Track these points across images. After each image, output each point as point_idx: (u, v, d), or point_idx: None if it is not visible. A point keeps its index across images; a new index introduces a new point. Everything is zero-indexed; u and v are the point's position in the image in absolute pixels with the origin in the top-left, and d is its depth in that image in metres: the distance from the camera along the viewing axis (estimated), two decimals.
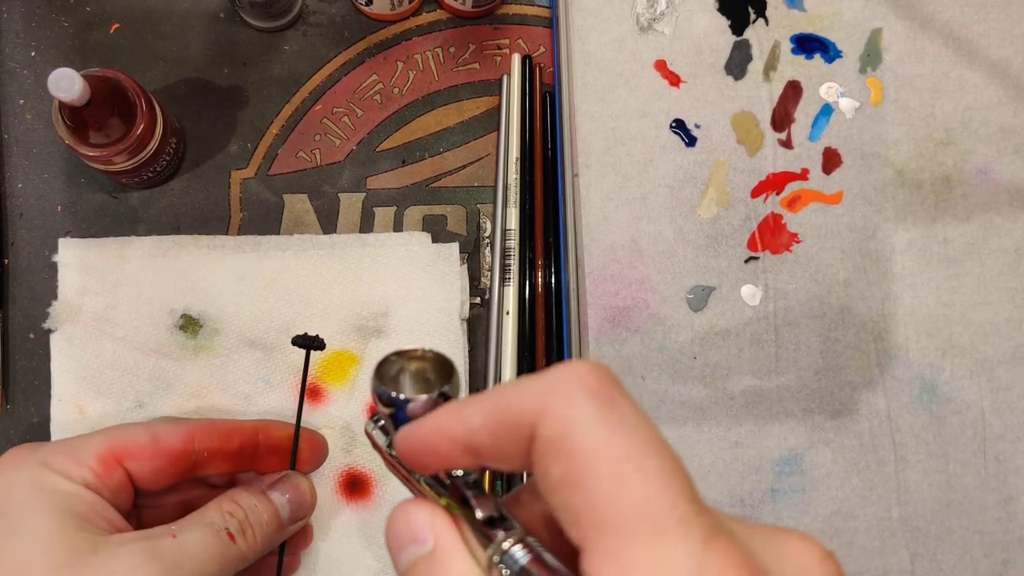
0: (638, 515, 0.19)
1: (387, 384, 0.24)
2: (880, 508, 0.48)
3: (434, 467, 0.24)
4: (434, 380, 0.25)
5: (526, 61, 0.52)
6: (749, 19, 0.52)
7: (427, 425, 0.23)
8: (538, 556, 0.22)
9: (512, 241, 0.50)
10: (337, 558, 0.47)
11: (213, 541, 0.36)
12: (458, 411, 0.23)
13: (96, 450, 0.37)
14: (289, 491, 0.41)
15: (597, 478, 0.20)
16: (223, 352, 0.48)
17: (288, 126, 0.52)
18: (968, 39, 0.51)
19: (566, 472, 0.20)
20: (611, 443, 0.20)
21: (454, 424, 0.23)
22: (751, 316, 0.49)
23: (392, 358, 0.25)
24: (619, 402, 0.21)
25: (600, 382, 0.21)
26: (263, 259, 0.49)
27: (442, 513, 0.24)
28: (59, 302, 0.47)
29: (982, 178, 0.51)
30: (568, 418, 0.21)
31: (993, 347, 0.49)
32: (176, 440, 0.38)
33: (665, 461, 0.20)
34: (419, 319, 0.49)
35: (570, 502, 0.20)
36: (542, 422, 0.21)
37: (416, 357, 0.25)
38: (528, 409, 0.21)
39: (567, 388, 0.21)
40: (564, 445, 0.20)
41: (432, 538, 0.23)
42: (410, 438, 0.24)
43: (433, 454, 0.23)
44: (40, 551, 0.33)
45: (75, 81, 0.40)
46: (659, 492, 0.20)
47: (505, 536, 0.22)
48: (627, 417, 0.21)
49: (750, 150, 0.50)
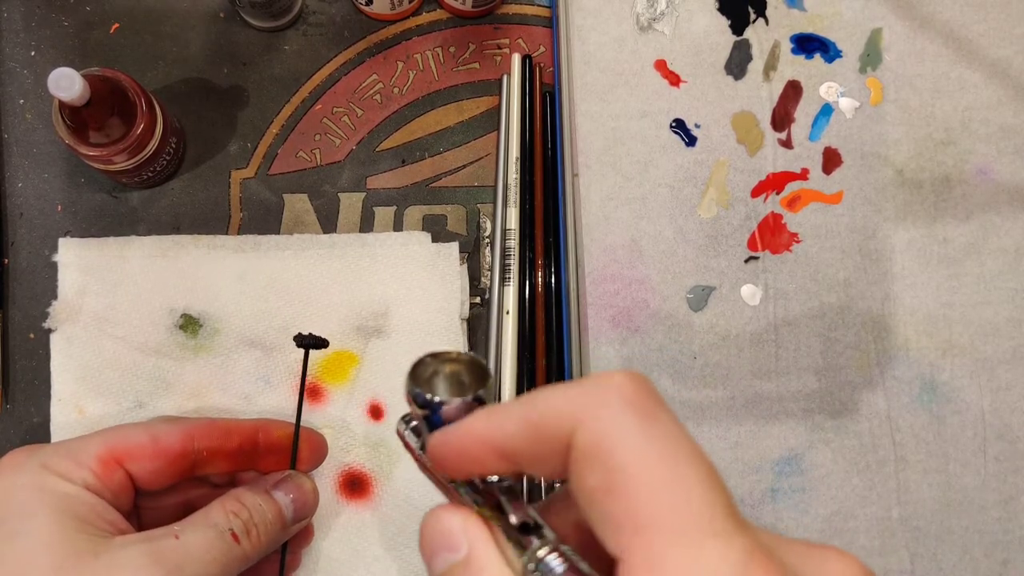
0: (677, 525, 0.19)
1: (421, 386, 0.24)
2: (880, 508, 0.48)
3: (468, 472, 0.24)
4: (468, 383, 0.25)
5: (526, 61, 0.52)
6: (749, 19, 0.52)
7: (462, 430, 0.23)
8: (574, 565, 0.21)
9: (512, 241, 0.50)
10: (337, 558, 0.47)
11: (216, 542, 0.36)
12: (494, 416, 0.23)
13: (96, 451, 0.37)
14: (293, 491, 0.41)
15: (636, 487, 0.20)
16: (223, 352, 0.48)
17: (288, 126, 0.52)
18: (968, 39, 0.51)
19: (603, 481, 0.20)
20: (649, 453, 0.20)
21: (490, 430, 0.23)
22: (751, 316, 0.49)
23: (427, 360, 0.25)
24: (657, 412, 0.21)
25: (638, 393, 0.21)
26: (263, 259, 0.49)
27: (475, 519, 0.24)
28: (59, 302, 0.47)
29: (982, 178, 0.51)
30: (606, 428, 0.21)
31: (993, 347, 0.49)
32: (175, 440, 0.38)
33: (704, 472, 0.20)
34: (419, 319, 0.49)
35: (607, 511, 0.20)
36: (579, 431, 0.21)
37: (451, 360, 0.25)
38: (565, 417, 0.21)
39: (605, 397, 0.21)
40: (602, 454, 0.20)
41: (466, 545, 0.23)
42: (445, 443, 0.24)
43: (468, 459, 0.23)
44: (41, 553, 0.33)
45: (75, 81, 0.40)
46: (698, 502, 0.20)
47: (540, 544, 0.22)
48: (665, 427, 0.21)
49: (750, 150, 0.50)
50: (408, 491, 0.47)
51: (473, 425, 0.23)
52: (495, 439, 0.22)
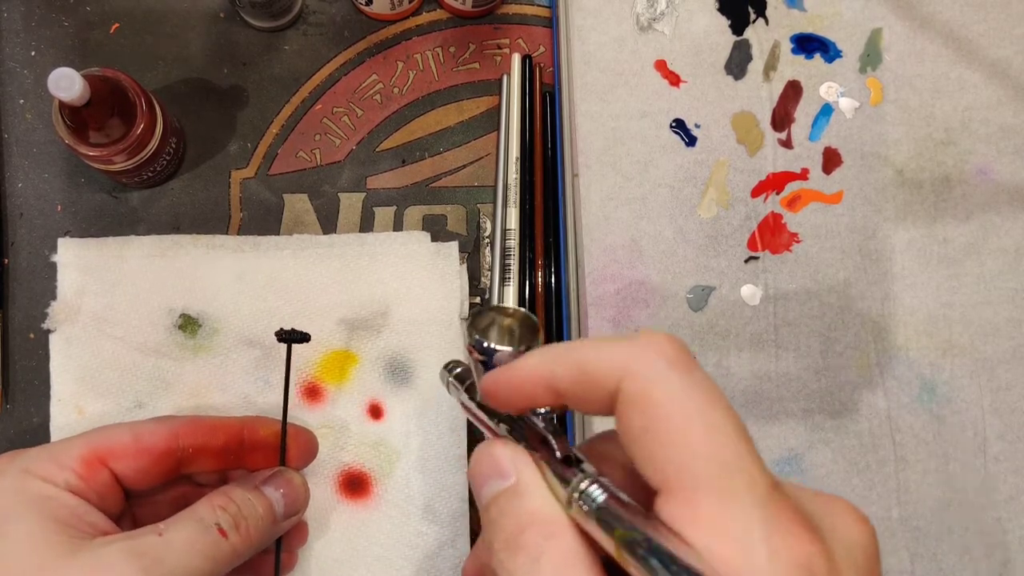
0: (710, 465, 0.22)
1: (480, 334, 0.27)
2: (880, 508, 0.48)
3: (518, 404, 0.26)
4: (520, 335, 0.28)
5: (526, 61, 0.52)
6: (749, 19, 0.52)
7: (519, 364, 0.26)
8: (614, 494, 0.23)
9: (512, 241, 0.50)
10: (337, 557, 0.47)
11: (201, 536, 0.36)
12: (547, 357, 0.25)
13: (78, 453, 0.37)
14: (282, 486, 0.40)
15: (675, 429, 0.23)
16: (222, 352, 0.48)
17: (288, 126, 0.52)
18: (968, 39, 0.51)
19: (648, 423, 0.23)
20: (688, 401, 0.23)
21: (542, 368, 0.25)
22: (751, 316, 0.49)
23: (485, 311, 0.28)
24: (693, 368, 0.24)
25: (677, 351, 0.24)
26: (262, 259, 0.49)
27: (523, 451, 0.26)
28: (58, 302, 0.47)
29: (982, 178, 0.51)
30: (651, 379, 0.23)
31: (993, 347, 0.49)
32: (159, 438, 0.38)
33: (733, 421, 0.23)
34: (419, 318, 0.49)
35: (650, 449, 0.23)
36: (627, 380, 0.23)
37: (508, 314, 0.28)
38: (612, 368, 0.24)
39: (648, 354, 0.24)
40: (647, 401, 0.23)
41: (514, 473, 0.25)
42: (500, 378, 0.26)
43: (521, 392, 0.26)
44: (21, 556, 0.33)
45: (75, 81, 0.40)
46: (728, 446, 0.22)
47: (583, 476, 0.24)
48: (700, 381, 0.23)
49: (750, 150, 0.50)
50: (408, 491, 0.47)
51: (528, 361, 0.26)
52: (548, 375, 0.25)
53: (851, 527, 0.23)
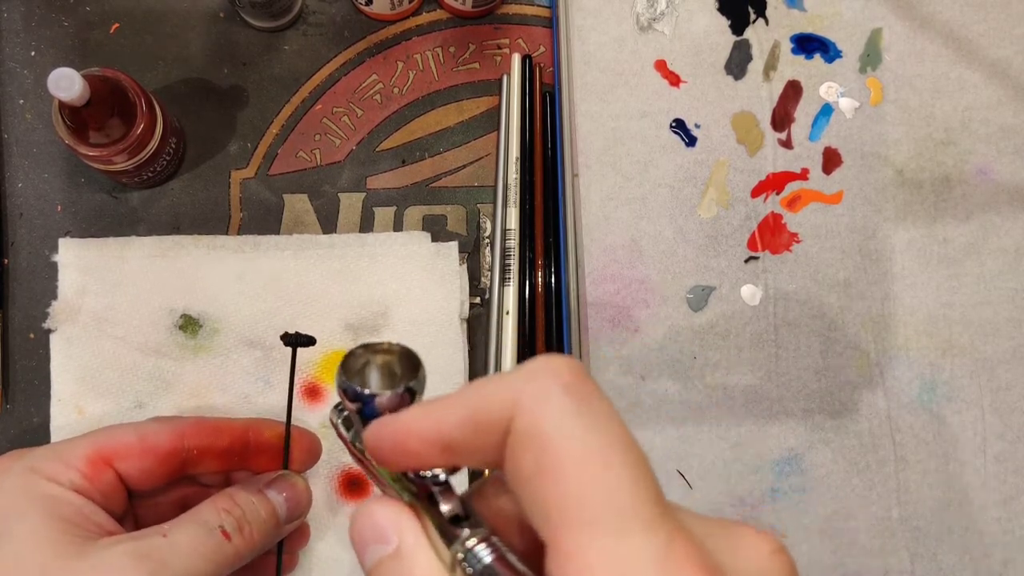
0: (603, 511, 0.20)
1: (352, 378, 0.24)
2: (880, 508, 0.48)
3: (405, 465, 0.24)
4: (400, 374, 0.25)
5: (526, 61, 0.52)
6: (749, 19, 0.52)
7: (399, 423, 0.23)
8: (501, 555, 0.21)
9: (512, 241, 0.50)
10: (336, 557, 0.47)
11: (205, 539, 0.36)
12: (432, 408, 0.23)
13: (83, 452, 0.36)
14: (286, 489, 0.40)
15: (566, 471, 0.20)
16: (222, 352, 0.48)
17: (288, 126, 0.52)
18: (968, 39, 0.51)
19: (536, 464, 0.20)
20: (583, 439, 0.20)
21: (427, 422, 0.22)
22: (751, 316, 0.49)
23: (358, 351, 0.25)
24: (592, 399, 0.21)
25: (575, 377, 0.21)
26: (262, 259, 0.49)
27: (406, 511, 0.24)
28: (59, 302, 0.47)
29: (982, 178, 0.51)
30: (542, 412, 0.21)
31: (993, 347, 0.49)
32: (164, 439, 0.38)
33: (631, 457, 0.20)
34: (418, 318, 0.49)
35: (538, 495, 0.20)
36: (517, 416, 0.21)
37: (383, 351, 0.25)
38: (502, 403, 0.21)
39: (540, 382, 0.21)
40: (537, 438, 0.21)
41: (396, 538, 0.23)
42: (381, 435, 0.23)
43: (405, 452, 0.23)
44: (27, 556, 0.33)
45: (75, 81, 0.40)
46: (624, 489, 0.20)
47: (470, 534, 0.22)
48: (599, 414, 0.21)
49: (750, 150, 0.50)
50: None
51: (410, 417, 0.23)
52: (433, 431, 0.22)
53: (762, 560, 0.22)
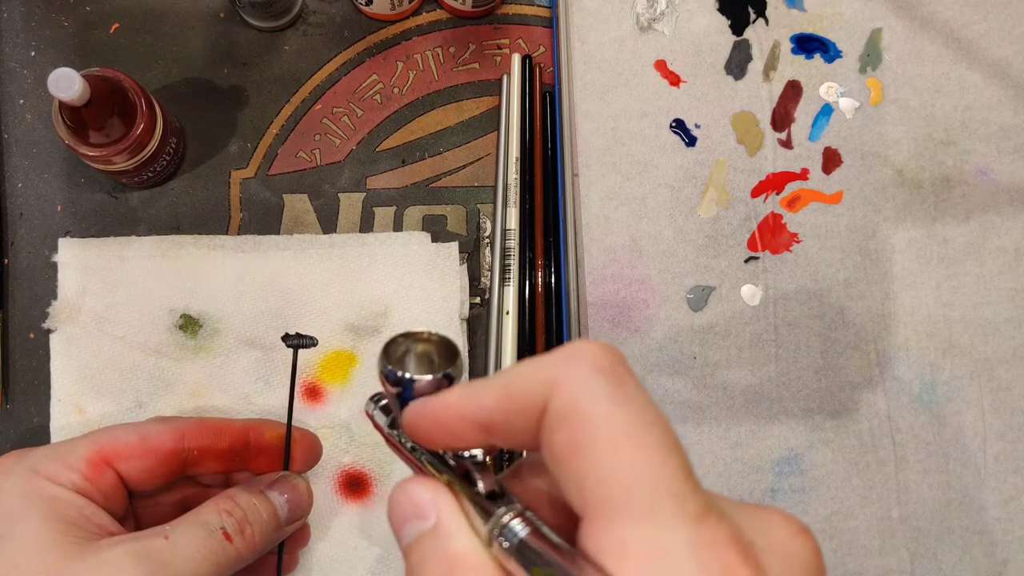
0: (637, 486, 0.20)
1: (394, 364, 0.25)
2: (880, 508, 0.48)
3: (443, 443, 0.24)
4: (439, 362, 0.26)
5: (526, 61, 0.52)
6: (749, 19, 0.52)
7: (440, 401, 0.24)
8: (536, 529, 0.22)
9: (512, 241, 0.50)
10: (336, 557, 0.47)
11: (207, 541, 0.36)
12: (470, 389, 0.23)
13: (85, 453, 0.36)
14: (287, 491, 0.41)
15: (601, 448, 0.21)
16: (223, 352, 0.48)
17: (288, 126, 0.52)
18: (968, 39, 0.51)
19: (572, 441, 0.21)
20: (617, 416, 0.21)
21: (467, 401, 0.23)
22: (751, 316, 0.49)
23: (399, 339, 0.26)
24: (626, 380, 0.22)
25: (609, 361, 0.22)
26: (262, 259, 0.49)
27: (443, 489, 0.24)
28: (59, 302, 0.47)
29: (982, 178, 0.51)
30: (577, 391, 0.21)
31: (993, 347, 0.49)
32: (166, 439, 0.38)
33: (665, 438, 0.21)
34: (419, 318, 0.49)
35: (574, 470, 0.21)
36: (553, 395, 0.22)
37: (422, 339, 0.26)
38: (540, 384, 0.22)
39: (577, 364, 0.22)
40: (572, 416, 0.21)
41: (434, 514, 0.24)
42: (421, 414, 0.24)
43: (444, 430, 0.24)
44: (29, 557, 0.33)
45: (75, 81, 0.40)
46: (658, 466, 0.20)
47: (505, 510, 0.23)
48: (632, 394, 0.22)
49: (750, 150, 0.50)
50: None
51: (450, 397, 0.24)
52: (472, 410, 0.23)
53: (790, 542, 0.22)
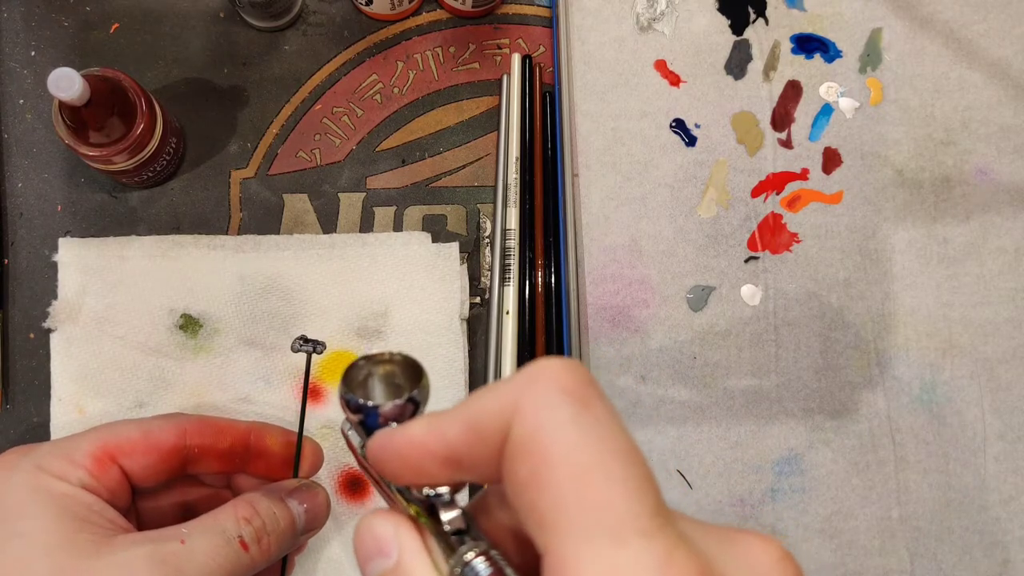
0: (600, 521, 0.19)
1: (355, 390, 0.24)
2: (880, 508, 0.48)
3: (408, 479, 0.23)
4: (403, 384, 0.24)
5: (526, 61, 0.52)
6: (749, 19, 0.52)
7: (403, 437, 0.23)
8: (499, 569, 0.21)
9: (512, 241, 0.50)
10: (336, 558, 0.47)
11: (223, 548, 0.35)
12: (434, 422, 0.22)
13: (89, 449, 0.36)
14: (307, 501, 0.40)
15: (563, 480, 0.19)
16: (223, 352, 0.48)
17: (288, 126, 0.52)
18: (968, 39, 0.51)
19: (533, 473, 0.20)
20: (581, 446, 0.20)
21: (430, 437, 0.22)
22: (751, 316, 0.49)
23: (360, 363, 0.24)
24: (593, 403, 0.20)
25: (575, 381, 0.21)
26: (263, 259, 0.49)
27: (407, 525, 0.23)
28: (59, 302, 0.47)
29: (982, 178, 0.51)
30: (540, 418, 0.20)
31: (993, 347, 0.49)
32: (168, 435, 0.38)
33: (633, 468, 0.20)
34: (419, 319, 0.49)
35: (535, 503, 0.20)
36: (515, 423, 0.20)
37: (384, 361, 0.25)
38: (502, 411, 0.21)
39: (538, 387, 0.20)
40: (534, 445, 0.20)
41: (396, 551, 0.23)
42: (385, 448, 0.23)
43: (408, 466, 0.23)
44: (41, 555, 0.32)
45: (75, 81, 0.40)
46: (624, 499, 0.19)
47: (468, 547, 0.22)
48: (600, 419, 0.20)
49: (750, 150, 0.50)
50: None
51: (413, 431, 0.23)
52: (437, 444, 0.22)
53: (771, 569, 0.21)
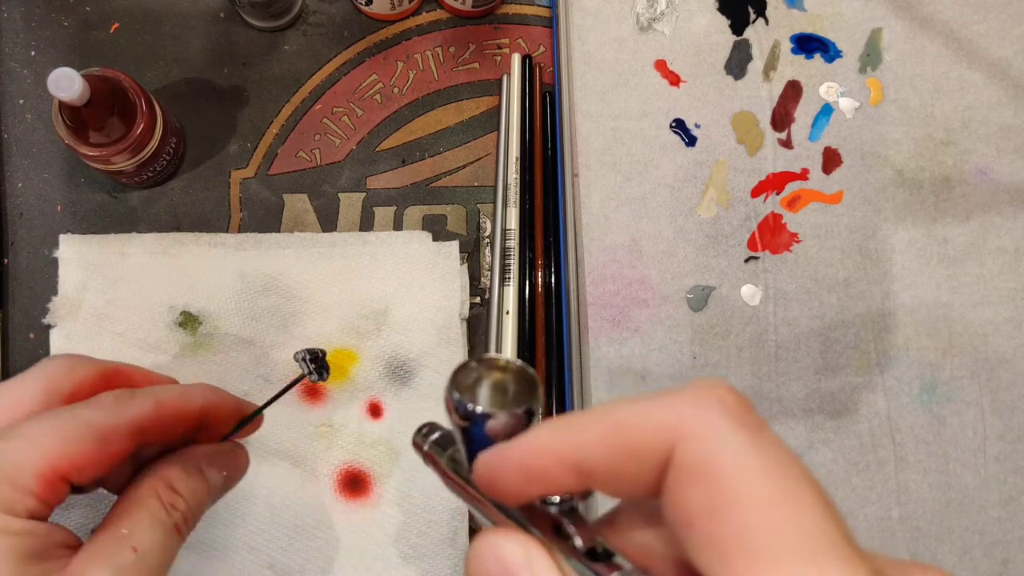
0: (798, 550, 0.18)
1: (463, 393, 0.22)
2: (880, 508, 0.48)
3: (529, 493, 0.21)
4: (514, 394, 0.23)
5: (526, 61, 0.52)
6: (749, 19, 0.52)
7: (529, 444, 0.21)
8: None
9: (512, 241, 0.50)
10: (334, 557, 0.47)
11: (167, 540, 0.33)
12: (567, 427, 0.21)
13: (36, 471, 0.31)
14: (228, 467, 0.37)
15: (748, 509, 0.18)
16: (222, 349, 0.48)
17: (288, 126, 0.52)
18: (968, 39, 0.51)
19: (710, 501, 0.19)
20: (764, 474, 0.19)
21: (564, 442, 0.20)
22: (751, 316, 0.49)
23: (471, 365, 0.23)
24: (762, 428, 0.20)
25: (743, 407, 0.20)
26: (263, 257, 0.49)
27: (538, 547, 0.21)
28: (59, 297, 0.47)
29: (982, 178, 0.51)
30: (714, 443, 0.19)
31: (993, 347, 0.49)
32: (124, 441, 0.34)
33: (818, 495, 0.19)
34: (419, 317, 0.49)
35: (713, 534, 0.18)
36: (682, 445, 0.19)
37: (499, 367, 0.23)
38: (662, 430, 0.19)
39: (709, 410, 0.19)
40: (711, 473, 0.19)
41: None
42: (508, 460, 0.21)
43: (533, 477, 0.21)
44: None
45: (75, 81, 0.40)
46: (818, 528, 0.18)
47: (620, 574, 0.20)
48: (775, 446, 0.19)
49: (750, 150, 0.50)
50: (407, 490, 0.47)
51: (542, 437, 0.21)
52: (570, 453, 0.20)
53: None
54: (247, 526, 0.46)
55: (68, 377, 0.35)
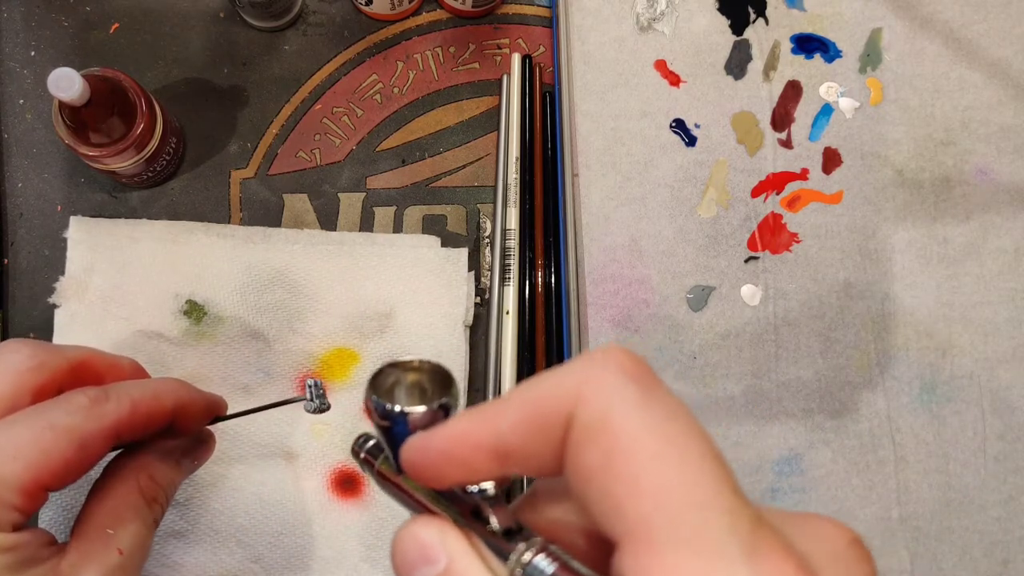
0: (684, 503, 0.18)
1: (382, 396, 0.23)
2: (880, 508, 0.48)
3: (452, 479, 0.22)
4: (432, 391, 0.24)
5: (526, 61, 0.52)
6: (749, 19, 0.52)
7: (447, 431, 0.22)
8: (565, 563, 0.20)
9: (512, 241, 0.50)
10: (325, 556, 0.47)
11: (148, 534, 0.34)
12: (482, 413, 0.21)
13: (19, 484, 0.31)
14: (200, 457, 0.39)
15: (639, 463, 0.19)
16: (225, 340, 0.48)
17: (288, 126, 0.52)
18: (968, 39, 0.51)
19: (605, 458, 0.19)
20: (655, 428, 0.19)
21: (480, 428, 0.21)
22: (751, 316, 0.49)
23: (387, 369, 0.24)
24: (658, 388, 0.20)
25: (638, 368, 0.20)
26: (272, 251, 0.49)
27: (453, 528, 0.22)
28: (66, 278, 0.47)
29: (982, 178, 0.51)
30: (608, 402, 0.20)
31: (993, 347, 0.49)
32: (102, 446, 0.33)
33: (708, 448, 0.19)
34: (422, 322, 0.49)
35: (609, 490, 0.19)
36: (580, 408, 0.20)
37: (413, 368, 0.24)
38: (564, 397, 0.20)
39: (605, 373, 0.20)
40: (604, 429, 0.19)
41: (444, 556, 0.21)
42: (426, 447, 0.22)
43: (453, 462, 0.21)
44: None
45: (75, 81, 0.40)
46: (704, 481, 0.19)
47: (527, 546, 0.21)
48: (667, 403, 0.20)
49: (750, 150, 0.50)
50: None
51: (459, 425, 0.21)
52: (487, 437, 0.21)
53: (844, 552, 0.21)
54: (236, 519, 0.46)
55: (36, 371, 0.34)
